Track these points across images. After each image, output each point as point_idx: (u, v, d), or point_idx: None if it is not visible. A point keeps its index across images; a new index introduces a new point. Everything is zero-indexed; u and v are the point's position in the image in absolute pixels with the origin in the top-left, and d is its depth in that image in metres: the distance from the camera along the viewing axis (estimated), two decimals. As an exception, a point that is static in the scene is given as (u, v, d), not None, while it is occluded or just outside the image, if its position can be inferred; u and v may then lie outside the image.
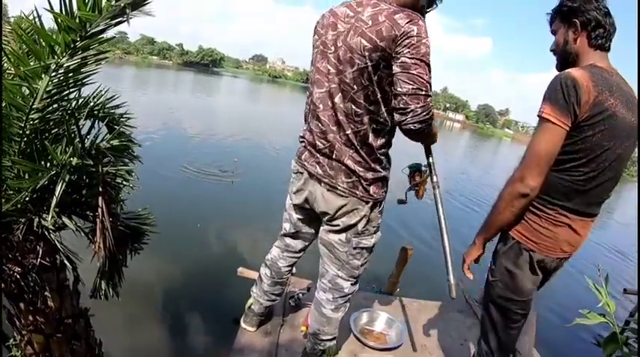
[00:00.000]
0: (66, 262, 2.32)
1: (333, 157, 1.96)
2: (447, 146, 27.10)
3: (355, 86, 1.82)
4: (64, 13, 1.57)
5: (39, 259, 2.15)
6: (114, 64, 36.18)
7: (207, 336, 4.29)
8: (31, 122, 1.89)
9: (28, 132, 1.91)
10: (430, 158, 2.22)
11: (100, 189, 2.02)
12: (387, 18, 1.70)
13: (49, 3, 1.54)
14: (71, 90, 1.96)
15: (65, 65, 1.70)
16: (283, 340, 3.10)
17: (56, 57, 1.66)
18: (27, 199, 2.04)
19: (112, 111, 2.42)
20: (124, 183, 2.51)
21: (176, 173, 9.69)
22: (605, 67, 1.70)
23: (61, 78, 1.78)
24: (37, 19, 1.64)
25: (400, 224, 9.29)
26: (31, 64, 1.70)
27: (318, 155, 2.01)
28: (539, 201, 1.77)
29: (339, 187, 1.97)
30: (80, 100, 2.24)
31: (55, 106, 1.96)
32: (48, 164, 1.95)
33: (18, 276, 2.13)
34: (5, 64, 2.18)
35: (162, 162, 10.01)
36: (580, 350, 5.23)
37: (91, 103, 2.31)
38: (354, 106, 1.86)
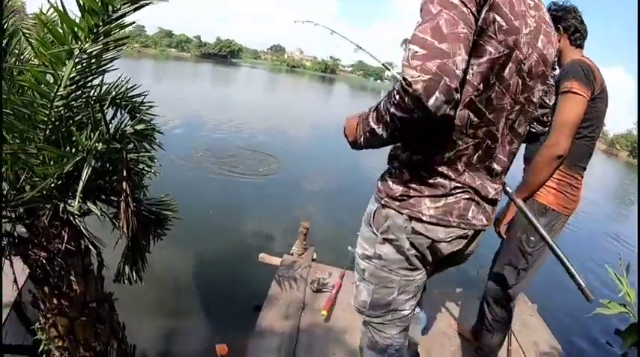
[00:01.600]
0: (90, 247, 2.37)
1: (498, 200, 1.64)
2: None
3: (535, 109, 1.56)
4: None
5: (64, 244, 2.18)
6: (132, 57, 36.43)
7: (227, 322, 4.32)
8: (56, 109, 1.91)
9: (53, 119, 1.94)
10: None
11: (125, 174, 2.03)
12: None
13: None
14: (94, 76, 1.98)
15: (88, 51, 1.71)
16: (304, 324, 3.15)
17: (79, 42, 1.68)
18: (52, 185, 2.06)
19: (134, 99, 2.43)
20: (147, 169, 2.52)
21: (194, 162, 9.86)
22: (589, 59, 2.28)
23: (84, 64, 1.80)
24: (59, 4, 1.65)
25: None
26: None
27: (485, 203, 1.54)
28: (568, 168, 2.36)
29: None
30: (103, 87, 2.25)
31: (79, 92, 1.99)
32: (73, 150, 1.98)
33: (44, 261, 2.18)
34: (27, 54, 2.24)
35: (180, 150, 10.18)
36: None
37: (113, 92, 2.32)
38: (521, 134, 1.56)
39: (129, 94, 2.45)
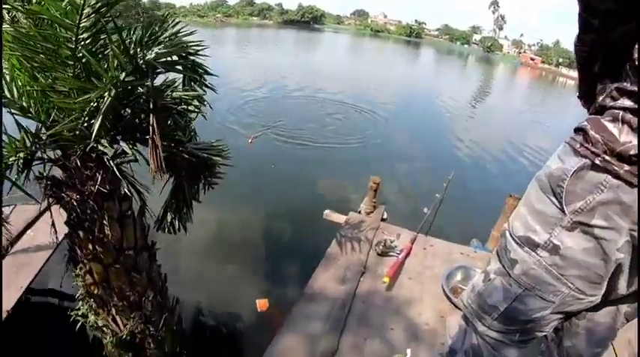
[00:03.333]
0: (126, 190, 2.26)
1: None
2: (560, 106, 24.79)
3: None
4: None
5: (97, 186, 2.06)
6: (215, 27, 37.52)
7: (281, 280, 4.26)
8: (83, 43, 1.80)
9: (80, 55, 1.82)
10: None
11: (151, 105, 1.81)
12: None
13: None
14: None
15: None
16: (362, 290, 2.85)
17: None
18: (85, 124, 1.91)
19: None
20: (195, 110, 2.40)
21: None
22: None
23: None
24: None
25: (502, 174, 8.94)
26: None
27: None
28: None
29: None
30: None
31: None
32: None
33: (75, 203, 2.08)
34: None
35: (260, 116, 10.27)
36: None
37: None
38: None
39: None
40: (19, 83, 1.89)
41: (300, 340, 2.37)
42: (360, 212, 4.07)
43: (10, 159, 1.85)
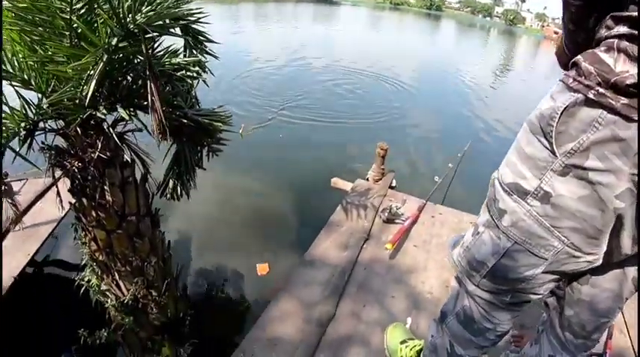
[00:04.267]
0: (127, 157, 2.30)
1: None
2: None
3: None
4: None
5: (97, 153, 2.09)
6: (231, 3, 37.33)
7: (284, 246, 4.33)
8: (77, 13, 1.81)
9: (75, 25, 1.82)
10: None
11: (147, 71, 1.82)
12: None
13: None
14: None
15: None
16: (364, 257, 2.86)
17: None
18: (84, 94, 1.94)
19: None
20: (194, 75, 2.39)
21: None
22: None
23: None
24: None
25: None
26: None
27: None
28: None
29: None
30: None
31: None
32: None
33: (77, 170, 2.14)
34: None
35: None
36: None
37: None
38: None
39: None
40: (20, 56, 1.91)
41: (297, 305, 2.39)
42: (367, 179, 4.03)
43: (13, 129, 1.88)
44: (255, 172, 6.04)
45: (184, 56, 2.32)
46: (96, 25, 2.01)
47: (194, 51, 2.37)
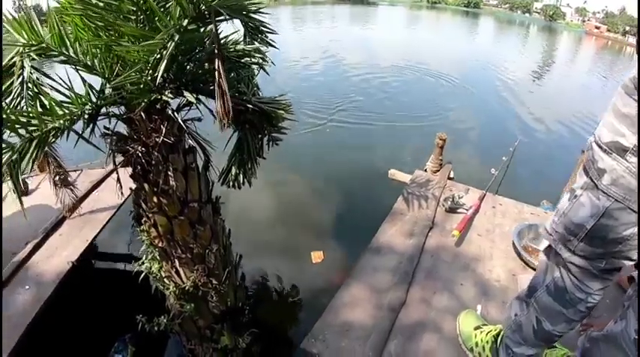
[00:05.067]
0: (191, 142, 2.28)
1: None
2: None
3: None
4: None
5: (162, 137, 2.05)
6: (269, 6, 37.86)
7: (344, 237, 4.26)
8: None
9: (144, 8, 1.80)
10: None
11: (215, 51, 1.77)
12: None
13: None
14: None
15: None
16: (429, 245, 2.79)
17: None
18: (149, 78, 1.91)
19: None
20: (257, 62, 2.35)
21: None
22: None
23: None
24: None
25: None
26: None
27: None
28: None
29: None
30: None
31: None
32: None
33: (140, 155, 2.11)
34: None
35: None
36: None
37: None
38: None
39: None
40: (83, 42, 1.90)
41: (367, 291, 2.36)
42: (425, 170, 3.97)
43: (76, 113, 1.87)
44: (303, 170, 6.09)
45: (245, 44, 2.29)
46: (167, 5, 2.00)
47: (254, 40, 2.34)
